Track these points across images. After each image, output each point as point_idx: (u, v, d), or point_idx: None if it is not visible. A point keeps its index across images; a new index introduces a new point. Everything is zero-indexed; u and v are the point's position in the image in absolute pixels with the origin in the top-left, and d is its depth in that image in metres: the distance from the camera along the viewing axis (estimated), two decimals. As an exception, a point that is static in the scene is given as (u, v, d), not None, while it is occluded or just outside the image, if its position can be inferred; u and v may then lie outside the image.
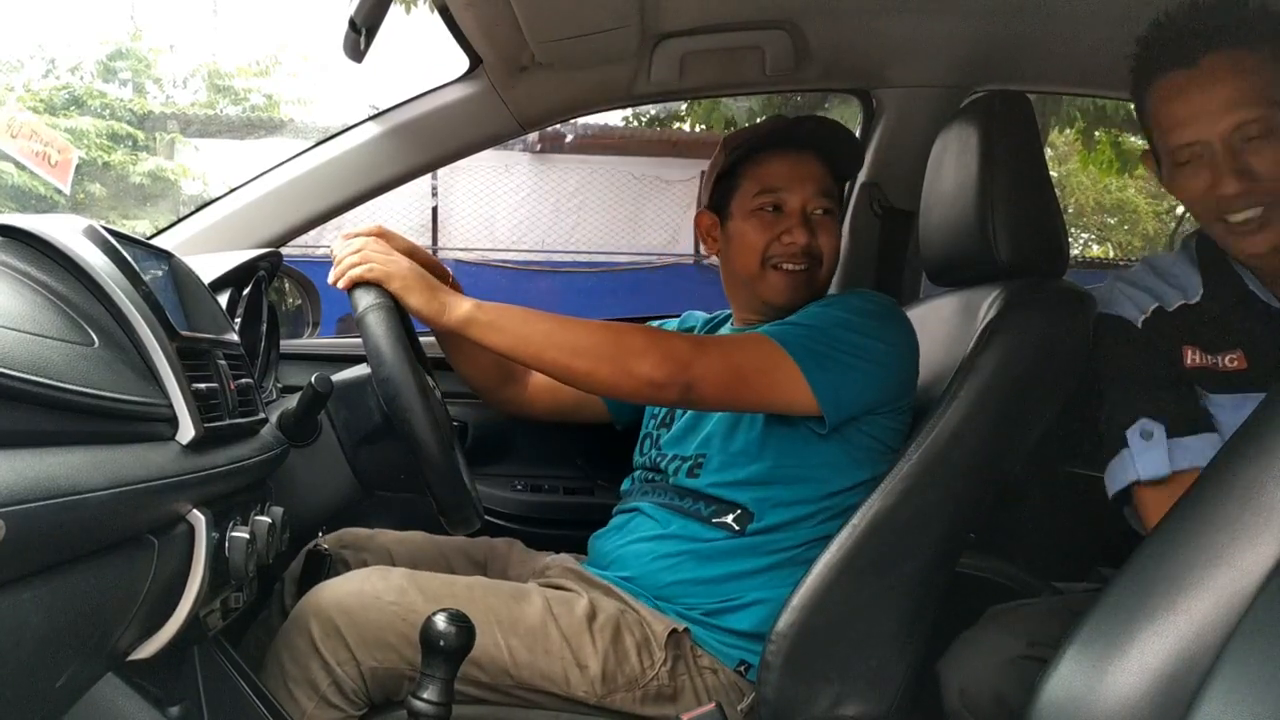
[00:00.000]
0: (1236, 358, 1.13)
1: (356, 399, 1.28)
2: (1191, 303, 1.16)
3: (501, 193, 8.00)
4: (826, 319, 1.21)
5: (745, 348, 1.17)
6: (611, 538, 1.32)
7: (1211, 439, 1.11)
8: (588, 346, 1.12)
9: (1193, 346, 1.15)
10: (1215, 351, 1.14)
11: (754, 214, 1.30)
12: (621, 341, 1.13)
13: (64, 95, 8.92)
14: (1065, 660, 0.64)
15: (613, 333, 1.14)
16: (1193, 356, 1.15)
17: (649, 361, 1.10)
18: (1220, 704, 0.54)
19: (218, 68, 9.88)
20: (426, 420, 1.08)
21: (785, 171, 1.30)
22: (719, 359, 1.14)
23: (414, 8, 5.55)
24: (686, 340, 1.15)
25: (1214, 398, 1.14)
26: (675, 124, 8.34)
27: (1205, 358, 1.15)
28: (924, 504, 1.11)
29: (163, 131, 8.73)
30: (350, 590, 1.11)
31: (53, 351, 0.69)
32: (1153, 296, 1.19)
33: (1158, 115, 1.11)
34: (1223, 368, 1.13)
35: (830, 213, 1.32)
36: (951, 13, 1.61)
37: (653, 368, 1.10)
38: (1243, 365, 1.12)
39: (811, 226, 1.29)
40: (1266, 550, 0.58)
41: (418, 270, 1.14)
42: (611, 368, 1.11)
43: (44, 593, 0.63)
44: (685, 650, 1.18)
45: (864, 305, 1.24)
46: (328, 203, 1.66)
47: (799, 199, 1.29)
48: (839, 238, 1.34)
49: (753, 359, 1.16)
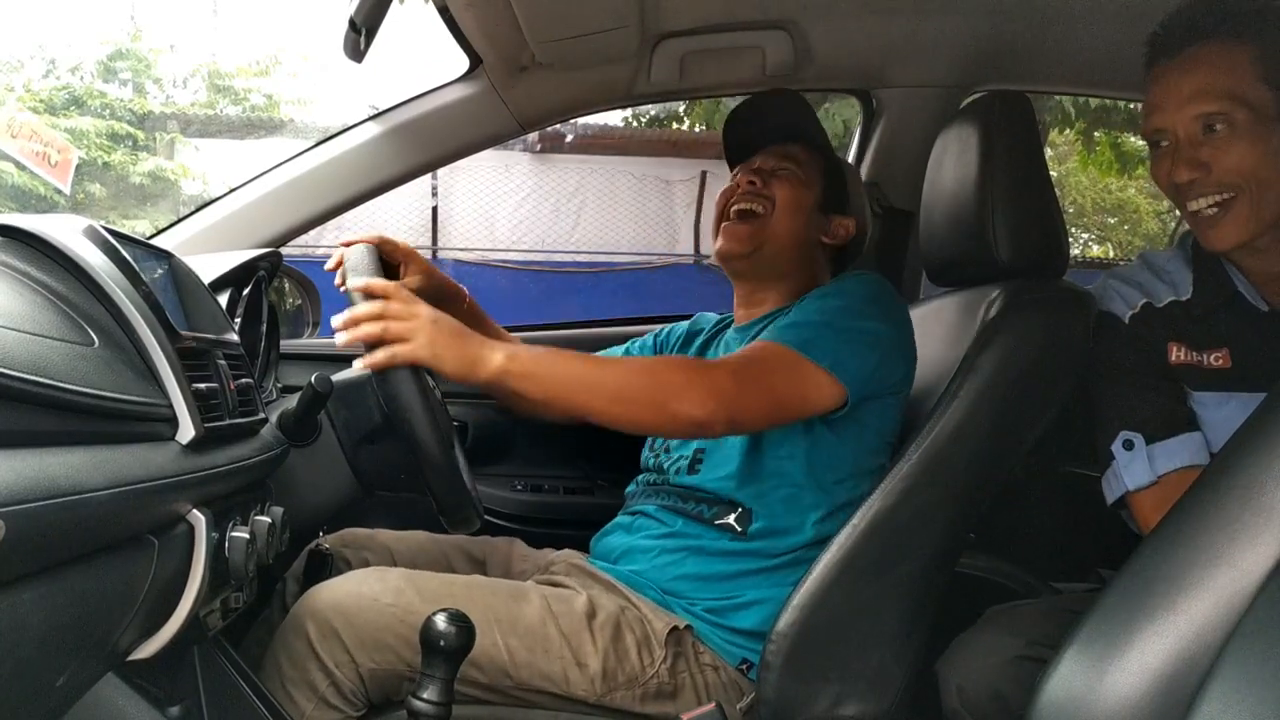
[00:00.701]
0: (1221, 356, 1.15)
1: (357, 399, 1.28)
2: (1182, 299, 1.18)
3: (501, 193, 8.00)
4: (829, 310, 1.21)
5: (771, 364, 1.16)
6: (619, 535, 1.32)
7: (1193, 438, 1.14)
8: (628, 392, 1.10)
9: (1178, 343, 1.18)
10: (1201, 349, 1.16)
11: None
12: (660, 383, 1.10)
13: (64, 95, 8.91)
14: (1065, 660, 0.64)
15: (650, 374, 1.12)
16: (1178, 353, 1.17)
17: (690, 401, 1.08)
18: (1220, 704, 0.54)
19: (218, 68, 9.88)
20: (427, 421, 1.08)
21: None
22: (755, 385, 1.13)
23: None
24: (723, 370, 1.13)
25: (1197, 395, 1.16)
26: (675, 124, 8.33)
27: (1191, 354, 1.17)
28: (924, 504, 1.11)
29: (163, 131, 8.73)
30: (347, 591, 1.11)
31: (53, 351, 0.69)
32: (1142, 293, 1.20)
33: (1144, 103, 1.14)
34: (1208, 365, 1.16)
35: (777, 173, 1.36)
36: (951, 13, 1.61)
37: (695, 407, 1.08)
38: (1227, 364, 1.14)
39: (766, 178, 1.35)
40: (1266, 550, 0.58)
41: (441, 324, 1.06)
42: (654, 413, 1.10)
43: (44, 593, 0.63)
44: (687, 647, 1.18)
45: (864, 290, 1.24)
46: (328, 203, 1.66)
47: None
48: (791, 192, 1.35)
49: (782, 375, 1.15)
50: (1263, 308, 1.13)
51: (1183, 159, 1.08)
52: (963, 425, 1.11)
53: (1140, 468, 1.15)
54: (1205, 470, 0.66)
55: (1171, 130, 1.09)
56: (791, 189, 1.34)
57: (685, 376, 1.11)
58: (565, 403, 1.09)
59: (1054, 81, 2.00)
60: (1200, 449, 1.14)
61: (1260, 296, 1.13)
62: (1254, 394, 1.11)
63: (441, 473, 1.12)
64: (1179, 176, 1.09)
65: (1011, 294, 1.17)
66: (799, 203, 1.34)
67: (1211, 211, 1.08)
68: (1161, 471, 1.14)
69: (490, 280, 7.49)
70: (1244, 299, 1.14)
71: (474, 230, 8.03)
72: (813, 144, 1.39)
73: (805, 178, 1.36)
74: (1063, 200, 6.61)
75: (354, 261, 1.19)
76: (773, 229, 1.33)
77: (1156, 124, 1.11)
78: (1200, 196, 1.08)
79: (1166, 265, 1.22)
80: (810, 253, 1.37)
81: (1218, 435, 1.14)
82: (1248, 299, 1.14)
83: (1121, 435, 1.16)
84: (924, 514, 1.11)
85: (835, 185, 1.39)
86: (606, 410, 1.10)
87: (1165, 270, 1.21)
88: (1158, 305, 1.19)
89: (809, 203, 1.35)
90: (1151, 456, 1.15)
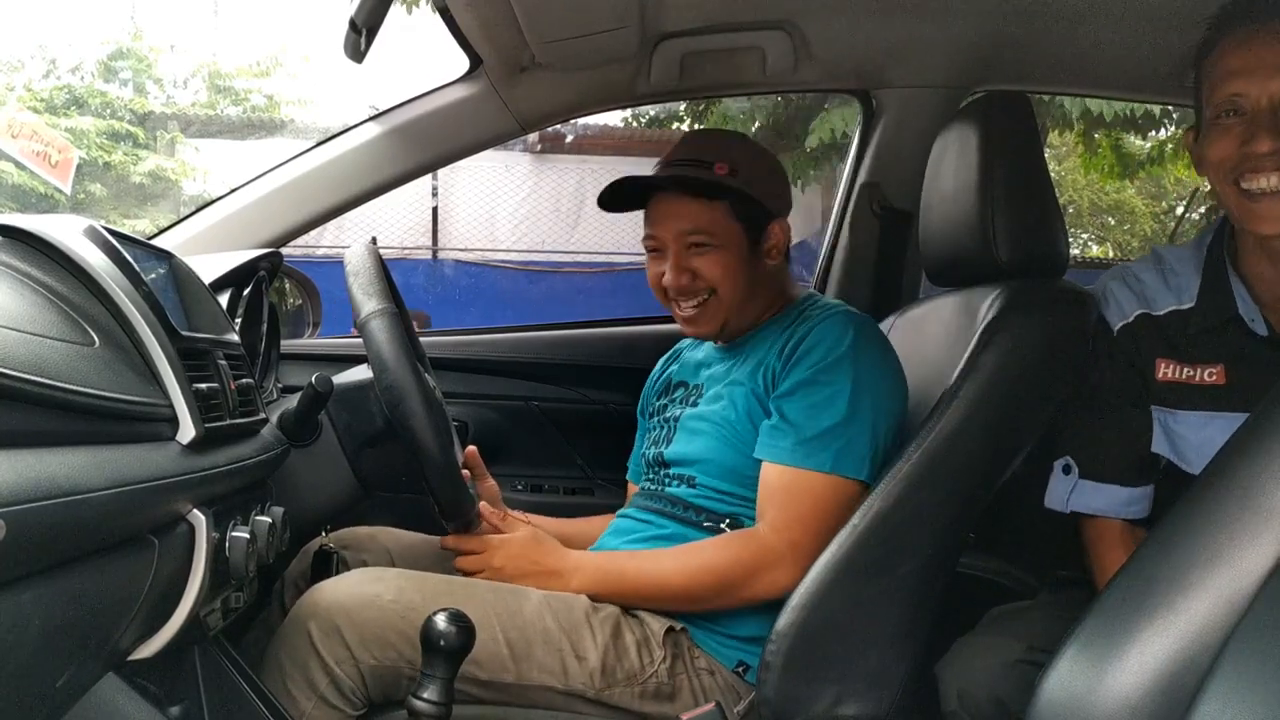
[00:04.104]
0: (1216, 372, 1.13)
1: (358, 402, 1.28)
2: (1183, 308, 1.15)
3: (501, 193, 8.00)
4: (831, 397, 1.18)
5: (799, 496, 1.17)
6: (609, 540, 1.33)
7: (1117, 492, 1.18)
8: (700, 593, 1.18)
9: (1168, 360, 1.16)
10: (1194, 364, 1.14)
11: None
12: (729, 578, 1.17)
13: (64, 95, 8.91)
14: (1065, 660, 0.64)
15: (715, 575, 1.17)
16: (1166, 369, 1.16)
17: (760, 586, 1.16)
18: (1220, 704, 0.54)
19: (218, 68, 9.87)
20: (429, 426, 1.09)
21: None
22: (804, 531, 1.16)
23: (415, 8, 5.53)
24: (773, 529, 1.17)
25: (1180, 415, 1.15)
26: (675, 124, 8.33)
27: (1181, 371, 1.15)
28: (924, 504, 1.11)
29: (163, 131, 8.73)
30: (348, 590, 1.11)
31: (53, 351, 0.69)
32: (1141, 300, 1.18)
33: (1214, 70, 1.08)
34: (1199, 382, 1.13)
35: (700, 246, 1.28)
36: (951, 13, 1.61)
37: (766, 589, 1.16)
38: (1221, 380, 1.12)
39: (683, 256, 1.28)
40: (1266, 550, 0.58)
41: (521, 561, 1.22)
42: (728, 600, 1.18)
43: (44, 593, 0.63)
44: (683, 649, 1.18)
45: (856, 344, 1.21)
46: (328, 203, 1.67)
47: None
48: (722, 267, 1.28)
49: (808, 501, 1.17)
50: (1261, 332, 1.10)
51: (1264, 126, 1.02)
52: (962, 425, 1.11)
53: (1060, 494, 1.21)
54: (1205, 471, 0.66)
55: (1254, 98, 1.03)
56: (719, 264, 1.28)
57: (753, 560, 1.16)
58: (645, 607, 1.21)
59: (1054, 82, 2.00)
60: (1121, 506, 1.18)
61: (1262, 319, 1.10)
62: (1240, 414, 1.06)
63: (443, 476, 1.12)
64: (1259, 145, 1.02)
65: (1011, 294, 1.17)
66: (731, 268, 1.28)
67: (1272, 191, 1.03)
68: (1073, 508, 1.20)
69: (490, 280, 7.49)
70: (1242, 322, 1.11)
71: (474, 230, 8.03)
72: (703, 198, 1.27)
73: (722, 240, 1.27)
74: (1060, 200, 6.60)
75: (355, 265, 1.19)
76: (724, 302, 1.30)
77: (1237, 88, 1.04)
78: (1274, 170, 1.02)
79: (1177, 265, 1.18)
80: (764, 284, 1.33)
81: (1199, 456, 1.12)
82: (1246, 321, 1.10)
83: (1065, 458, 1.21)
84: (924, 514, 1.11)
85: (748, 214, 1.29)
86: (688, 610, 1.20)
87: (1175, 271, 1.18)
88: (1155, 313, 1.17)
89: (740, 258, 1.29)
90: (1073, 489, 1.20)
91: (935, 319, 1.35)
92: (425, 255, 7.80)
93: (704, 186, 1.27)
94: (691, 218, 1.28)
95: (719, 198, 1.27)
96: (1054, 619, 1.18)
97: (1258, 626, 0.56)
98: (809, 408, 1.19)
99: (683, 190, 1.28)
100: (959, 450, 1.11)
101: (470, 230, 8.03)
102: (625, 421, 1.58)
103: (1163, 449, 1.16)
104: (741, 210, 1.28)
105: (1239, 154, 1.04)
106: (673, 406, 1.39)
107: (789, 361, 1.23)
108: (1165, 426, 1.16)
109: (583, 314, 1.38)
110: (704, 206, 1.27)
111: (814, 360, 1.21)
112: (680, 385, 1.43)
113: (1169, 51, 1.62)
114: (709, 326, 1.32)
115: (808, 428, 1.18)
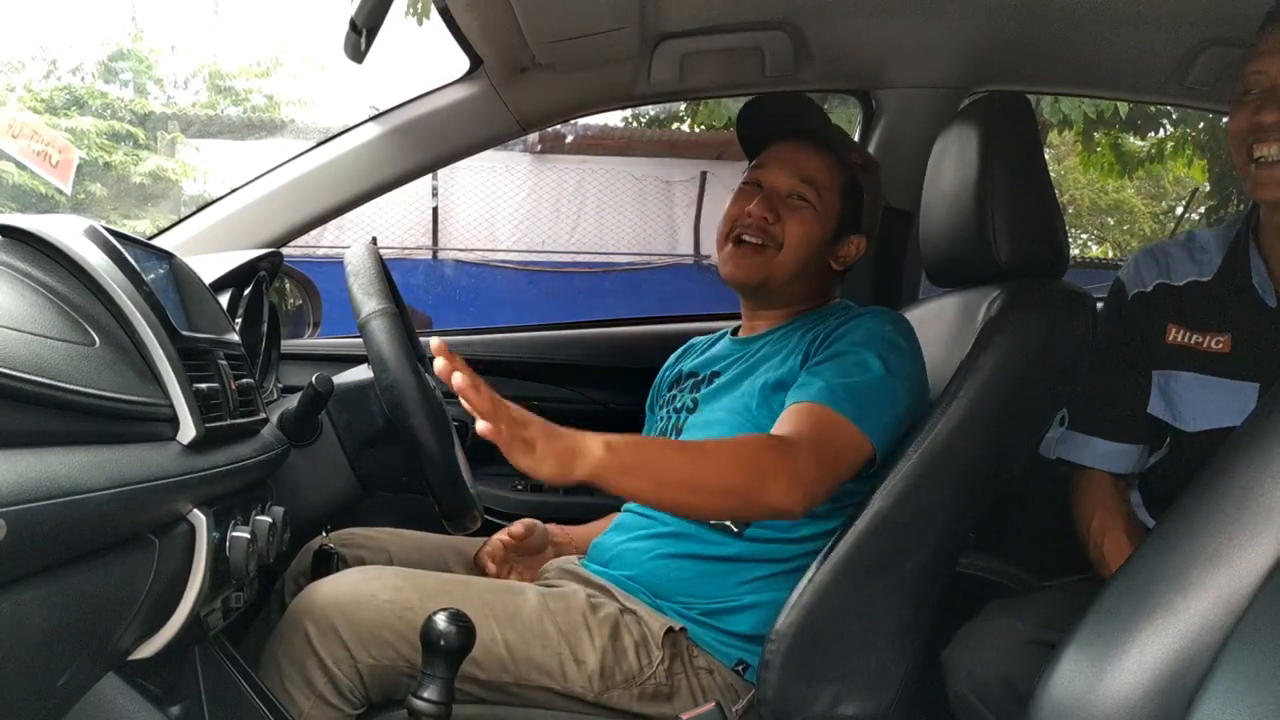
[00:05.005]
0: (1223, 341, 1.21)
1: (358, 403, 1.28)
2: (1203, 280, 1.24)
3: (501, 193, 7.99)
4: (863, 364, 1.18)
5: (827, 433, 1.12)
6: (610, 537, 1.32)
7: (1098, 445, 1.26)
8: (729, 485, 1.06)
9: (1178, 325, 1.24)
10: (1203, 331, 1.22)
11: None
12: (754, 470, 1.06)
13: (65, 96, 8.91)
14: (1065, 660, 0.64)
15: (744, 464, 1.07)
16: (1175, 334, 1.24)
17: (777, 492, 1.05)
18: (1219, 703, 0.54)
19: (219, 68, 9.87)
20: (429, 427, 1.09)
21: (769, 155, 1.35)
22: (830, 468, 1.11)
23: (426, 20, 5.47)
24: (806, 454, 1.09)
25: (1184, 375, 1.22)
26: (675, 124, 8.33)
27: (1190, 336, 1.23)
28: (924, 504, 1.11)
29: (164, 131, 8.73)
30: (345, 589, 1.11)
31: (53, 351, 0.69)
32: (1162, 271, 1.27)
33: (1246, 55, 1.17)
34: (1206, 348, 1.22)
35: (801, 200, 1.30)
36: (951, 13, 1.61)
37: (782, 498, 1.06)
38: (1227, 349, 1.20)
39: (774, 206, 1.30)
40: (1265, 550, 0.58)
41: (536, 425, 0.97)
42: (741, 502, 1.08)
43: (45, 592, 0.63)
44: (682, 649, 1.18)
45: (894, 341, 1.21)
46: (328, 203, 1.67)
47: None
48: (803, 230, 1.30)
49: (833, 441, 1.12)
50: (1270, 302, 1.18)
51: (1274, 99, 1.11)
52: (963, 425, 1.11)
53: (1049, 441, 1.29)
54: (1204, 470, 0.66)
55: (1272, 75, 1.12)
56: (804, 226, 1.29)
57: (774, 463, 1.07)
58: (669, 504, 1.09)
59: (1054, 82, 2.01)
60: (1104, 459, 1.26)
61: (1274, 292, 1.18)
62: (1242, 382, 1.18)
63: (443, 475, 1.12)
64: (1268, 117, 1.11)
65: (1011, 294, 1.17)
66: (810, 239, 1.30)
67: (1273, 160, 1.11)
68: (1058, 454, 1.28)
69: (490, 281, 7.48)
70: (1255, 291, 1.19)
71: (474, 231, 8.02)
72: (834, 157, 1.32)
73: (821, 209, 1.30)
74: (1060, 200, 6.61)
75: (356, 265, 1.19)
76: (780, 263, 1.30)
77: (1261, 65, 1.13)
78: (1277, 141, 1.11)
79: (1206, 244, 1.27)
80: (817, 277, 1.34)
81: (1196, 414, 1.21)
82: (1258, 291, 1.19)
83: (1063, 410, 1.28)
84: (924, 514, 1.11)
85: (851, 206, 1.32)
86: (700, 505, 1.09)
87: (1203, 248, 1.27)
88: (1174, 284, 1.25)
89: (821, 237, 1.31)
90: (1061, 438, 1.28)
91: (935, 319, 1.35)
92: (425, 255, 7.79)
93: (842, 151, 1.32)
94: (814, 169, 1.31)
95: (843, 173, 1.32)
96: (1060, 601, 1.19)
97: (1257, 626, 0.56)
98: (841, 369, 1.18)
99: (816, 144, 1.32)
100: (959, 450, 1.11)
101: (470, 230, 8.03)
102: (626, 421, 1.58)
103: (1159, 410, 1.24)
104: (847, 200, 1.32)
105: (1251, 124, 1.13)
106: (681, 396, 1.39)
107: (824, 343, 1.23)
108: (1164, 389, 1.24)
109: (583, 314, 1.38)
110: (829, 166, 1.31)
111: (852, 339, 1.21)
112: (690, 375, 1.42)
113: (1169, 51, 1.62)
114: (752, 273, 1.31)
115: (838, 382, 1.16)
